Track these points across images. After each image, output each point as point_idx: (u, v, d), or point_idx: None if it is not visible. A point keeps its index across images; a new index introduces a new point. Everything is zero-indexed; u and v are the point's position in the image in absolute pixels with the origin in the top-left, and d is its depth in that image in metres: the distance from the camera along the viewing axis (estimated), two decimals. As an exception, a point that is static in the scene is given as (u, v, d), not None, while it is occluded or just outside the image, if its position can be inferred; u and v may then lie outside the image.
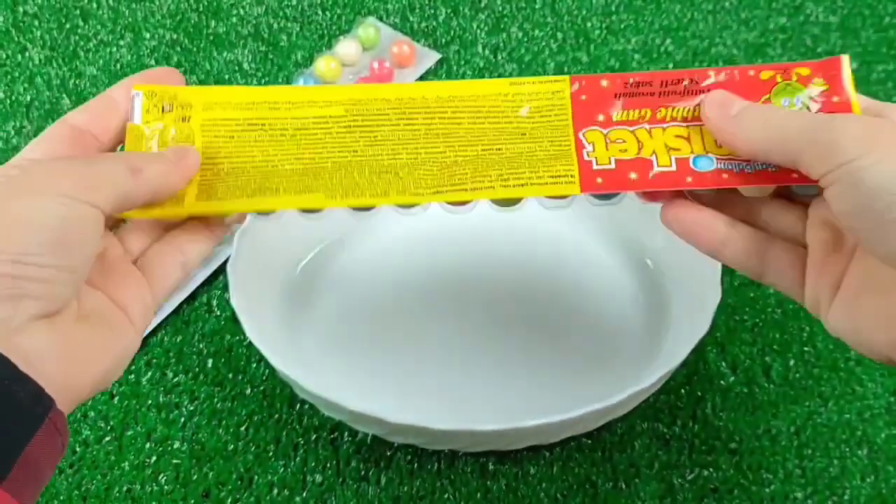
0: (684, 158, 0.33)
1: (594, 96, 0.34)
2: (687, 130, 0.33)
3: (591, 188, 0.33)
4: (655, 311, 0.46)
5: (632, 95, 0.34)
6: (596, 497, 0.42)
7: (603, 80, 0.34)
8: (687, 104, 0.34)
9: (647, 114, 0.34)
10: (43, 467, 0.27)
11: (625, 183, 0.33)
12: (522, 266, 0.49)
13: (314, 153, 0.34)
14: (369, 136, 0.34)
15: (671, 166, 0.33)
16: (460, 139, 0.34)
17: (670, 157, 0.33)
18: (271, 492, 0.42)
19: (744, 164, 0.32)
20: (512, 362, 0.45)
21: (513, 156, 0.34)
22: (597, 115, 0.34)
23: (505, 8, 0.65)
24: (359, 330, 0.47)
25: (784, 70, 0.34)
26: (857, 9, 0.64)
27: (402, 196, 0.33)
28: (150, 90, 0.34)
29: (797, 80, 0.34)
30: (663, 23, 0.64)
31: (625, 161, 0.33)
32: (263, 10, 0.65)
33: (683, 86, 0.34)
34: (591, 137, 0.34)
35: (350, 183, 0.34)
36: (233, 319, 0.48)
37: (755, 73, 0.34)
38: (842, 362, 0.46)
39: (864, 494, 0.42)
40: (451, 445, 0.42)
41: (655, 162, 0.33)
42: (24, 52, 0.62)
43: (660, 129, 0.34)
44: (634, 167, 0.33)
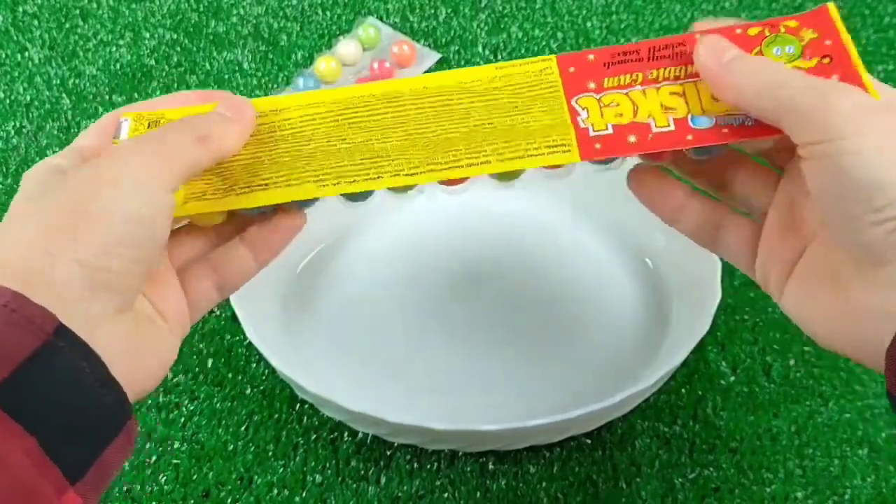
0: (682, 118, 0.32)
1: (582, 68, 0.34)
2: (682, 87, 0.33)
3: (590, 154, 0.32)
4: (655, 311, 0.46)
5: (621, 62, 0.34)
6: (596, 496, 0.42)
7: (589, 55, 0.34)
8: (678, 66, 0.33)
9: (638, 76, 0.33)
10: (112, 472, 0.27)
11: (624, 146, 0.32)
12: (522, 266, 0.49)
13: (301, 146, 0.34)
14: (358, 125, 0.34)
15: (669, 126, 0.32)
16: (450, 118, 0.34)
17: (667, 118, 0.32)
18: (271, 492, 0.42)
19: (743, 118, 0.32)
20: (512, 362, 0.45)
21: (506, 129, 0.33)
22: (587, 82, 0.34)
23: (505, 8, 0.65)
24: (359, 330, 0.47)
25: (771, 24, 0.33)
26: (857, 9, 0.64)
27: (395, 178, 0.33)
28: (138, 115, 0.34)
29: (785, 31, 0.33)
30: (663, 23, 0.64)
31: (622, 126, 0.32)
32: (263, 10, 0.65)
33: (671, 50, 0.33)
34: (584, 103, 0.33)
35: (341, 169, 0.33)
36: (233, 319, 0.48)
37: (742, 31, 0.33)
38: (842, 362, 0.46)
39: (864, 494, 0.42)
40: (450, 445, 0.42)
41: (653, 124, 0.32)
42: (23, 52, 0.62)
43: (654, 89, 0.33)
44: (632, 130, 0.32)
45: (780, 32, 0.33)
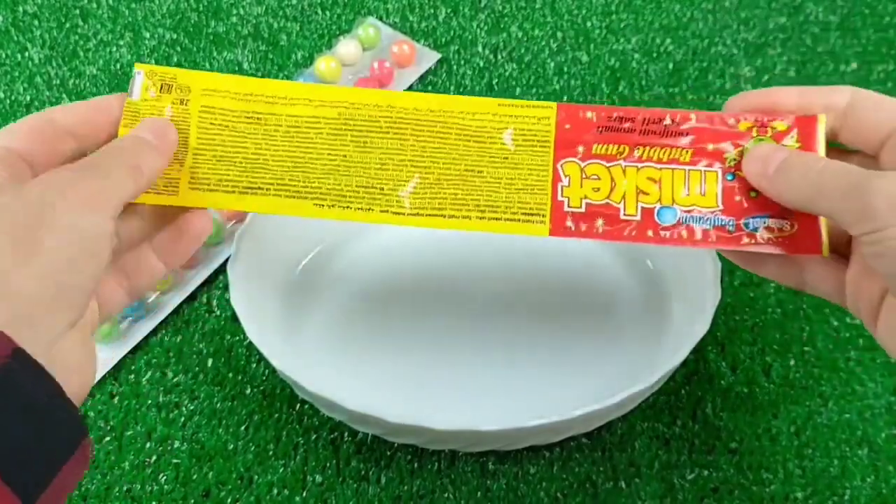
0: (650, 208, 0.35)
1: (577, 126, 0.36)
2: (660, 173, 0.35)
3: (559, 232, 0.35)
4: (655, 311, 0.46)
5: (614, 130, 0.36)
6: (596, 497, 0.42)
7: (588, 112, 0.36)
8: (664, 146, 0.35)
9: (625, 150, 0.35)
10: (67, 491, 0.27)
11: (592, 231, 0.35)
12: (522, 266, 0.49)
13: (304, 153, 0.35)
14: (359, 141, 0.36)
15: (636, 215, 0.35)
16: (445, 156, 0.36)
17: (637, 206, 0.35)
18: (271, 492, 0.42)
19: (704, 219, 0.34)
20: (512, 362, 0.45)
21: (493, 181, 0.35)
22: (577, 145, 0.36)
23: (505, 8, 0.65)
24: (359, 330, 0.47)
25: (762, 124, 0.35)
26: (857, 9, 0.64)
27: (384, 215, 0.35)
28: (150, 70, 0.36)
29: (772, 134, 0.35)
30: (663, 22, 0.64)
31: (595, 205, 0.35)
32: (263, 9, 0.65)
33: (664, 125, 0.35)
34: (568, 170, 0.35)
35: (338, 193, 0.35)
36: (233, 319, 0.48)
37: (735, 122, 0.35)
38: (842, 362, 0.46)
39: (864, 494, 0.42)
40: (451, 445, 0.42)
41: (622, 210, 0.35)
42: (23, 52, 0.62)
43: (634, 168, 0.35)
44: (603, 213, 0.35)
45: (765, 136, 0.35)
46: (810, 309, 0.48)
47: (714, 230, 0.34)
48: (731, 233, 0.34)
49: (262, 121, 0.36)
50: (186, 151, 0.35)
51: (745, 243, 0.34)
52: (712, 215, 0.34)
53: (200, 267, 0.50)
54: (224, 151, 0.35)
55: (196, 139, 0.35)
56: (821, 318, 0.48)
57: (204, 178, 0.35)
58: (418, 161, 0.35)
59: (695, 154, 0.35)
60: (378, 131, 0.36)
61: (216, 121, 0.35)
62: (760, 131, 0.35)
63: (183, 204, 0.35)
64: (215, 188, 0.35)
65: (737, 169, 0.35)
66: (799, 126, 0.34)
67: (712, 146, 0.35)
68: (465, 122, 0.36)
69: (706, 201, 0.34)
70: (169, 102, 0.35)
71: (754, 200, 0.34)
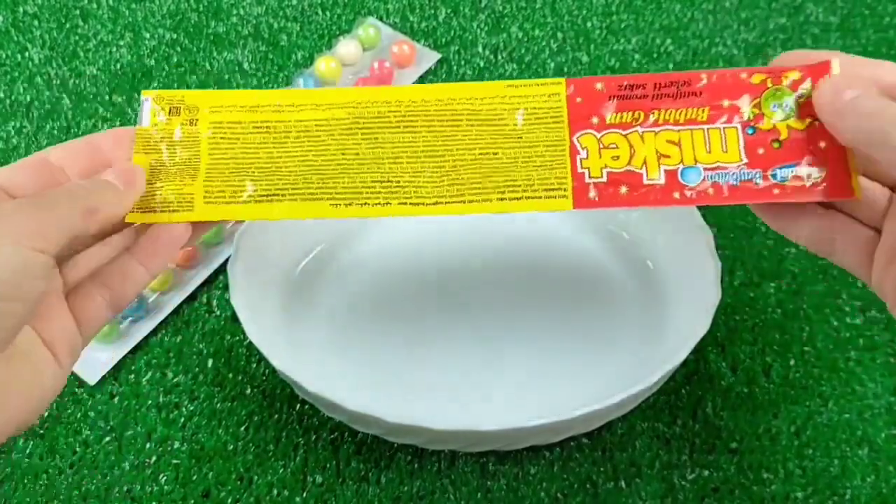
0: (673, 170, 0.34)
1: (589, 98, 0.35)
2: (678, 135, 0.34)
3: (583, 204, 0.34)
4: (655, 311, 0.46)
5: (626, 98, 0.35)
6: (596, 497, 0.42)
7: (598, 83, 0.35)
8: (679, 107, 0.35)
9: (640, 116, 0.35)
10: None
11: (616, 198, 0.34)
12: (522, 267, 0.49)
13: (317, 155, 0.35)
14: (371, 138, 0.35)
15: (659, 179, 0.34)
16: (458, 142, 0.35)
17: (660, 169, 0.34)
18: (271, 492, 0.42)
19: (730, 175, 0.34)
20: (512, 362, 0.45)
21: (509, 161, 0.35)
22: (591, 117, 0.35)
23: (505, 8, 0.65)
24: (359, 330, 0.47)
25: (775, 75, 0.34)
26: (857, 9, 0.64)
27: (403, 207, 0.35)
28: (158, 95, 0.36)
29: (787, 84, 0.34)
30: (663, 22, 0.64)
31: (616, 173, 0.34)
32: (263, 10, 0.65)
33: (676, 88, 0.35)
34: (585, 142, 0.35)
35: (353, 191, 0.35)
36: (233, 319, 0.48)
37: (747, 76, 0.35)
38: (842, 362, 0.46)
39: (864, 494, 0.42)
40: (451, 445, 0.42)
41: (646, 174, 0.34)
42: (24, 52, 0.62)
43: (652, 134, 0.35)
44: (625, 180, 0.34)
45: (780, 85, 0.34)
46: (810, 309, 0.48)
47: (742, 185, 0.34)
48: (758, 185, 0.33)
49: (272, 129, 0.36)
50: (199, 168, 0.35)
51: (776, 195, 0.33)
52: (738, 170, 0.34)
53: (200, 267, 0.50)
54: (237, 164, 0.35)
55: (208, 154, 0.35)
56: (821, 319, 0.48)
57: (219, 192, 0.35)
58: (432, 150, 0.35)
59: (712, 111, 0.34)
60: (388, 126, 0.36)
61: (226, 135, 0.36)
62: (775, 81, 0.34)
63: (200, 219, 0.35)
64: (231, 200, 0.35)
65: (756, 122, 0.34)
66: (812, 74, 0.34)
67: (728, 102, 0.34)
68: (475, 107, 0.36)
69: (729, 157, 0.34)
70: (178, 124, 0.36)
71: (778, 151, 0.34)
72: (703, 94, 0.35)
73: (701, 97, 0.35)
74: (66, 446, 0.44)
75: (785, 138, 0.34)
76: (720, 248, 0.43)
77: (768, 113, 0.34)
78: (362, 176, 0.35)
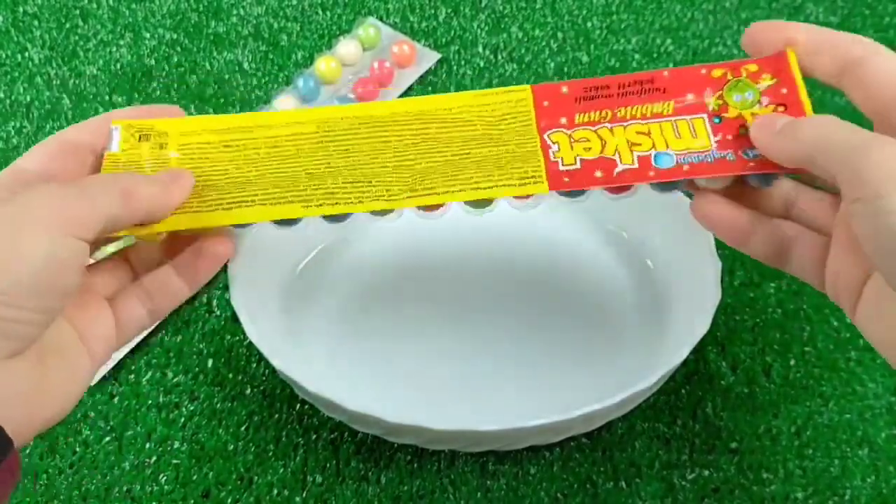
0: (646, 155, 0.34)
1: (556, 101, 0.36)
2: (647, 126, 0.35)
3: (558, 186, 0.34)
4: (655, 311, 0.46)
5: (592, 98, 0.36)
6: (596, 497, 0.42)
7: (563, 87, 0.36)
8: (645, 103, 0.35)
9: (607, 114, 0.35)
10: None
11: (591, 180, 0.34)
12: (522, 266, 0.49)
13: (288, 166, 0.36)
14: (341, 148, 0.36)
15: (633, 164, 0.34)
16: (430, 147, 0.36)
17: (633, 155, 0.34)
18: (271, 492, 0.42)
19: (703, 156, 0.34)
20: (512, 362, 0.45)
21: (481, 159, 0.35)
22: (559, 117, 0.36)
23: (505, 8, 0.65)
24: (359, 330, 0.47)
25: (733, 67, 0.35)
26: (857, 9, 0.64)
27: (376, 202, 0.35)
28: (127, 124, 0.36)
29: (747, 76, 0.35)
30: (664, 23, 0.64)
31: (589, 160, 0.35)
32: (263, 9, 0.65)
33: (640, 86, 0.36)
34: (555, 138, 0.35)
35: (324, 191, 0.35)
36: (233, 319, 0.48)
37: (707, 72, 0.36)
38: (842, 362, 0.46)
39: (864, 494, 0.42)
40: (451, 445, 0.42)
41: (619, 160, 0.34)
42: (24, 52, 0.62)
43: (621, 127, 0.35)
44: (599, 166, 0.34)
45: (741, 77, 0.35)
46: (810, 309, 0.48)
47: (716, 161, 0.34)
48: (732, 160, 0.34)
49: (242, 146, 0.36)
50: None
51: (751, 167, 0.33)
52: (709, 153, 0.34)
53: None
54: (205, 179, 0.35)
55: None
56: (821, 319, 0.48)
57: (188, 205, 0.34)
58: (403, 156, 0.35)
59: (677, 105, 0.35)
60: (359, 137, 0.36)
61: (195, 154, 0.36)
62: (735, 74, 0.35)
63: (165, 229, 0.34)
64: (199, 209, 0.34)
65: (721, 112, 0.35)
66: (769, 66, 0.35)
67: (692, 96, 0.35)
68: (446, 115, 0.36)
69: (699, 143, 0.34)
70: (148, 150, 0.35)
71: (746, 136, 0.34)
72: (666, 91, 0.35)
73: (665, 93, 0.35)
74: (66, 446, 0.44)
75: (751, 124, 0.34)
76: (720, 248, 0.43)
77: (732, 103, 0.35)
78: (334, 178, 0.35)
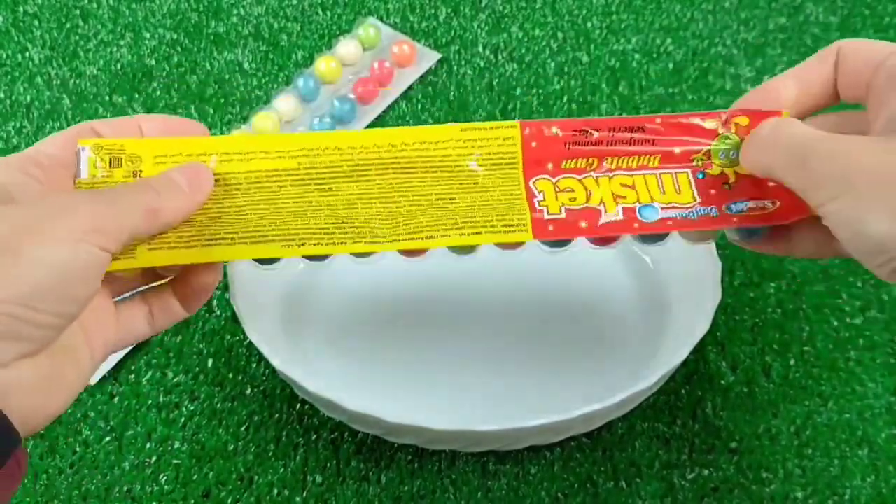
0: (630, 207, 0.35)
1: (543, 143, 0.35)
2: (632, 179, 0.35)
3: (542, 235, 0.34)
4: (655, 311, 0.46)
5: (580, 144, 0.35)
6: (596, 496, 0.42)
7: (553, 127, 0.35)
8: (632, 155, 0.35)
9: (594, 162, 0.35)
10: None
11: (575, 230, 0.34)
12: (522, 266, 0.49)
13: (269, 204, 0.34)
14: (324, 188, 0.35)
15: (618, 215, 0.34)
16: (414, 189, 0.35)
17: (617, 206, 0.34)
18: (271, 492, 0.42)
19: (687, 212, 0.34)
20: (512, 362, 0.45)
21: (466, 206, 0.35)
22: (546, 162, 0.35)
23: (505, 8, 0.65)
24: (359, 330, 0.47)
25: (724, 121, 0.35)
26: (857, 9, 0.64)
27: (357, 245, 0.34)
28: (96, 144, 0.33)
29: (735, 130, 0.35)
30: (663, 22, 0.64)
31: (574, 210, 0.35)
32: (264, 9, 0.65)
33: (629, 135, 0.35)
34: (541, 186, 0.35)
35: (306, 231, 0.34)
36: (233, 319, 0.48)
37: (700, 121, 0.35)
38: (842, 362, 0.46)
39: (864, 494, 0.42)
40: (451, 445, 0.42)
41: (604, 210, 0.34)
42: (24, 52, 0.62)
43: (606, 178, 0.35)
44: (584, 216, 0.34)
45: (729, 132, 0.35)
46: (810, 309, 0.48)
47: (700, 218, 0.34)
48: (715, 217, 0.34)
49: (222, 181, 0.34)
50: None
51: (734, 222, 0.34)
52: (693, 208, 0.34)
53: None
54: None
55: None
56: (821, 318, 0.48)
57: (164, 239, 0.33)
58: (386, 197, 0.34)
59: (663, 159, 0.35)
60: (342, 176, 0.35)
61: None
62: (725, 127, 0.35)
63: (142, 265, 0.33)
64: (175, 245, 0.33)
65: (705, 168, 0.35)
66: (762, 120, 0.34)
67: (679, 150, 0.35)
68: (430, 153, 0.35)
69: (683, 198, 0.35)
70: (121, 177, 0.33)
71: (729, 192, 0.35)
72: (654, 143, 0.35)
73: (653, 145, 0.35)
74: (66, 446, 0.44)
75: (734, 181, 0.35)
76: (720, 248, 0.43)
77: (717, 160, 0.35)
78: (316, 219, 0.34)
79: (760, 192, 0.34)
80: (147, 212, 0.30)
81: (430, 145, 0.35)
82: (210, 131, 0.36)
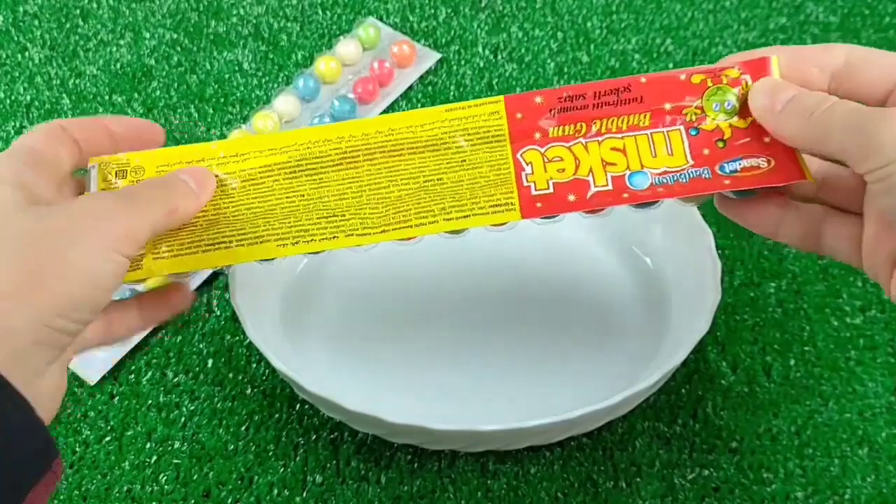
0: (620, 175, 0.34)
1: (529, 113, 0.35)
2: (622, 142, 0.34)
3: (531, 213, 0.34)
4: (655, 311, 0.46)
5: (566, 110, 0.35)
6: (597, 496, 0.42)
7: (537, 97, 0.35)
8: (621, 115, 0.35)
9: (582, 128, 0.35)
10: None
11: (564, 205, 0.34)
12: (522, 266, 0.49)
13: (263, 201, 0.35)
14: (314, 179, 0.36)
15: (607, 185, 0.34)
16: (402, 173, 0.35)
17: (606, 176, 0.34)
18: (271, 492, 0.42)
19: (678, 175, 0.34)
20: (512, 362, 0.45)
21: (454, 185, 0.35)
22: (533, 132, 0.35)
23: (505, 8, 0.65)
24: (359, 330, 0.47)
25: (714, 74, 0.34)
26: (857, 9, 0.64)
27: (350, 238, 0.35)
28: (103, 161, 0.36)
29: (727, 82, 0.34)
30: (664, 22, 0.64)
31: (562, 183, 0.34)
32: (264, 9, 0.65)
33: (616, 96, 0.35)
34: (529, 157, 0.35)
35: (299, 229, 0.35)
36: (233, 319, 0.48)
37: (686, 78, 0.35)
38: (842, 362, 0.46)
39: (864, 494, 0.42)
40: (451, 445, 0.42)
41: (592, 182, 0.34)
42: (24, 52, 0.62)
43: (595, 143, 0.34)
44: (572, 189, 0.34)
45: (721, 84, 0.34)
46: (811, 309, 0.48)
47: (691, 181, 0.34)
48: (708, 178, 0.33)
49: (217, 181, 0.36)
50: None
51: (726, 185, 0.33)
52: (685, 171, 0.34)
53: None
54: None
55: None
56: (821, 318, 0.48)
57: (167, 248, 0.35)
58: (375, 184, 0.35)
59: (654, 116, 0.34)
60: (331, 165, 0.36)
61: None
62: (715, 81, 0.34)
63: (148, 276, 0.35)
64: (178, 253, 0.35)
65: (699, 123, 0.34)
66: (750, 70, 0.34)
67: (670, 105, 0.34)
68: (416, 136, 0.35)
69: (675, 161, 0.34)
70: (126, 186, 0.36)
71: (723, 150, 0.34)
72: (643, 100, 0.35)
73: (642, 103, 0.35)
74: (66, 446, 0.44)
75: (729, 137, 0.34)
76: (720, 248, 0.43)
77: (711, 113, 0.34)
78: (308, 215, 0.35)
79: (756, 148, 0.33)
80: (168, 212, 0.32)
81: (416, 128, 0.36)
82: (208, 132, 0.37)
